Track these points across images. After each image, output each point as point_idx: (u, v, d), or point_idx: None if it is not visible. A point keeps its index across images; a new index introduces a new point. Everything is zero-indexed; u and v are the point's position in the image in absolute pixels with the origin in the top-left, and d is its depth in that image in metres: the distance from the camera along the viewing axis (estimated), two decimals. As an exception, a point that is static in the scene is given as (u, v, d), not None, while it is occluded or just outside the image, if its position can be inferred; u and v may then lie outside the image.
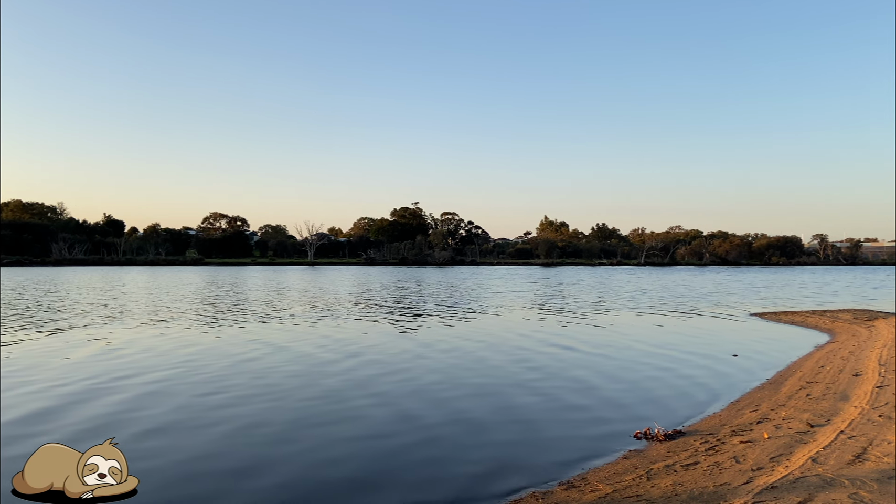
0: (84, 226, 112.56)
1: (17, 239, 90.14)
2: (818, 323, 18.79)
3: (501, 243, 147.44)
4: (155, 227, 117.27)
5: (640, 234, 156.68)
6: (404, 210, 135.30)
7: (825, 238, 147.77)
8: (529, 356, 12.41)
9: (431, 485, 5.45)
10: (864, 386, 8.59)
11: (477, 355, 12.46)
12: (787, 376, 10.29)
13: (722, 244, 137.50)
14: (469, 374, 10.53)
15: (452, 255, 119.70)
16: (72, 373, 10.25)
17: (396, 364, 11.40)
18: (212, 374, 10.30)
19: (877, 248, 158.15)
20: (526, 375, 10.38)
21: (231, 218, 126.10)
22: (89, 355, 12.09)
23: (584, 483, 5.37)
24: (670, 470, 5.56)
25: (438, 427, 7.21)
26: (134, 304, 24.48)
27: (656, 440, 6.68)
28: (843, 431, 6.28)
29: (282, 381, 9.69)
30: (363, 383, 9.64)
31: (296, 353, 12.52)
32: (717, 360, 12.11)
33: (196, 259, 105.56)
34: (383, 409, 8.06)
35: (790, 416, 7.23)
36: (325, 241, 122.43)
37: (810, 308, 24.53)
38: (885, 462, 5.17)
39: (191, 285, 39.59)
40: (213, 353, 12.55)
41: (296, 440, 6.65)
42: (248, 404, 8.21)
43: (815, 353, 13.01)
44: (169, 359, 11.75)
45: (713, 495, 4.72)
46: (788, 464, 5.34)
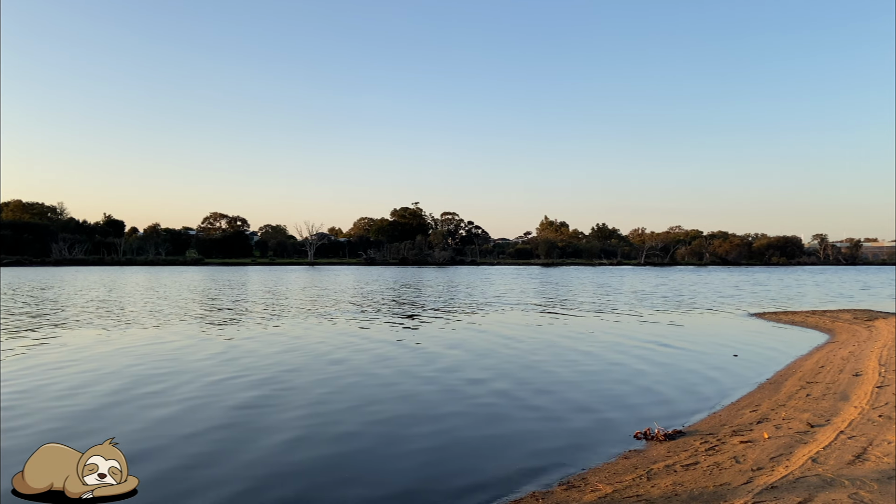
0: (84, 226, 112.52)
1: (17, 239, 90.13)
2: (818, 323, 18.79)
3: (501, 243, 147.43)
4: (155, 227, 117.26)
5: (640, 234, 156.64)
6: (404, 210, 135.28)
7: (825, 238, 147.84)
8: (529, 356, 12.41)
9: (431, 484, 5.45)
10: (864, 386, 8.59)
11: (476, 355, 12.45)
12: (787, 376, 10.29)
13: (722, 244, 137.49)
14: (467, 372, 10.53)
15: (452, 255, 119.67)
16: (99, 367, 10.26)
17: (397, 363, 11.42)
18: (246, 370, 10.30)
19: (877, 248, 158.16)
20: (525, 375, 10.38)
21: (231, 218, 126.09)
22: (102, 353, 12.11)
23: (584, 483, 5.37)
24: (670, 470, 5.56)
25: (437, 426, 7.22)
26: (147, 304, 24.50)
27: (656, 440, 6.68)
28: (843, 431, 6.28)
29: (282, 378, 9.70)
30: (363, 382, 9.65)
31: (303, 352, 12.53)
32: (717, 360, 12.11)
33: (196, 259, 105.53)
34: (383, 406, 8.08)
35: (790, 416, 7.23)
36: (325, 241, 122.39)
37: (810, 308, 24.53)
38: (885, 462, 5.17)
39: (194, 285, 39.59)
40: (221, 353, 12.56)
41: (307, 437, 6.65)
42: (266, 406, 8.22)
43: (815, 353, 13.01)
44: (173, 359, 11.77)
45: (713, 495, 4.72)
46: (788, 464, 5.33)
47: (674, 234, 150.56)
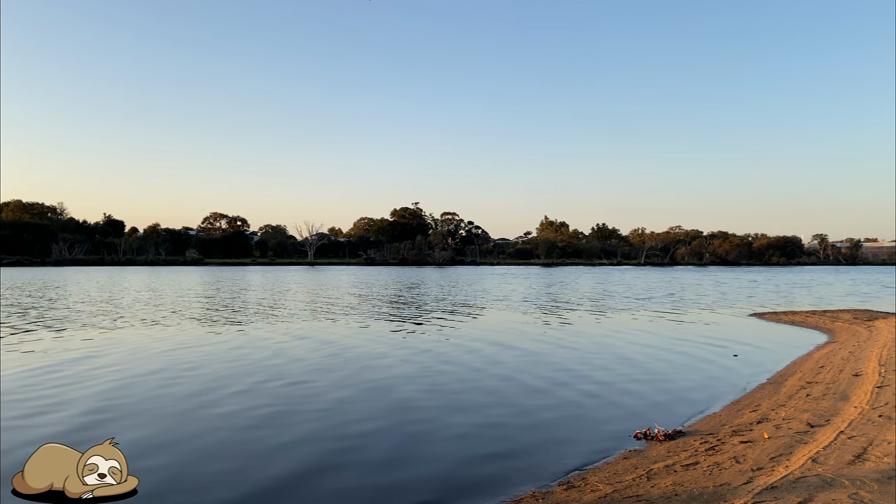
0: (84, 226, 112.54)
1: (17, 239, 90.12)
2: (818, 323, 18.78)
3: (501, 243, 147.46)
4: (155, 227, 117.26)
5: (640, 234, 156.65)
6: (404, 210, 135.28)
7: (825, 238, 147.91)
8: (529, 356, 12.40)
9: (430, 483, 5.44)
10: (864, 386, 8.59)
11: (476, 354, 12.44)
12: (787, 376, 10.29)
13: (722, 244, 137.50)
14: (467, 372, 10.53)
15: (452, 255, 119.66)
16: (107, 368, 10.27)
17: (397, 361, 11.43)
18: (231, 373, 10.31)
19: (877, 248, 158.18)
20: (525, 375, 10.37)
21: (231, 218, 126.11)
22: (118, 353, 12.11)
23: (584, 483, 5.37)
24: (670, 470, 5.55)
25: (437, 425, 7.22)
26: (150, 304, 24.51)
27: (656, 440, 6.68)
28: (843, 431, 6.28)
29: (280, 378, 9.71)
30: (365, 379, 9.66)
31: (286, 356, 12.53)
32: (717, 360, 12.11)
33: (196, 259, 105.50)
34: (382, 404, 8.08)
35: (790, 416, 7.23)
36: (325, 241, 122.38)
37: (810, 308, 24.52)
38: (885, 462, 5.17)
39: (195, 285, 39.60)
40: (225, 353, 12.56)
41: (296, 437, 6.66)
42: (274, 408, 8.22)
43: (815, 353, 13.01)
44: (171, 357, 11.77)
45: (713, 495, 4.72)
46: (788, 464, 5.33)
47: (674, 234, 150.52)
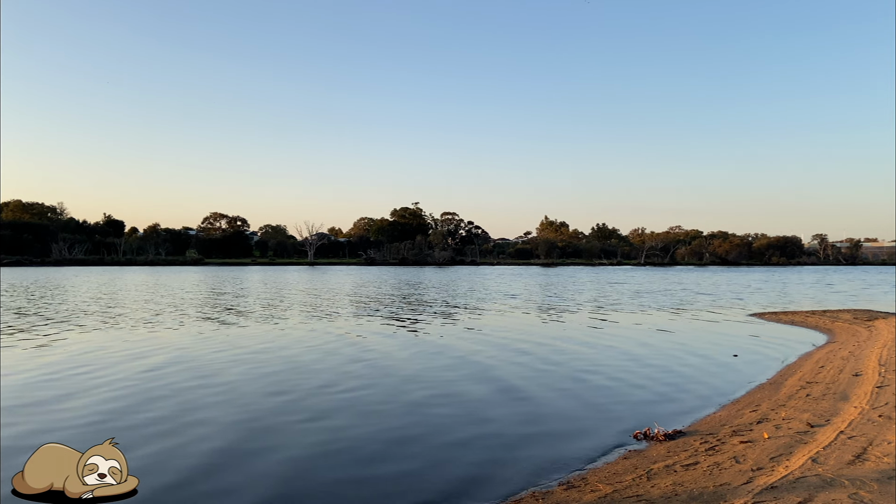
0: (84, 226, 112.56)
1: (17, 239, 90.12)
2: (818, 323, 18.78)
3: (501, 243, 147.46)
4: (155, 227, 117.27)
5: (640, 234, 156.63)
6: (404, 210, 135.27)
7: (825, 238, 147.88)
8: (529, 356, 12.40)
9: (430, 483, 5.44)
10: (864, 386, 8.59)
11: (476, 354, 12.44)
12: (787, 376, 10.29)
13: (722, 244, 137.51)
14: (466, 372, 10.53)
15: (452, 255, 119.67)
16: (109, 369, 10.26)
17: (397, 361, 11.42)
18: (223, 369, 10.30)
19: (877, 248, 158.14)
20: (525, 375, 10.37)
21: (231, 218, 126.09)
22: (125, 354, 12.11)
23: (584, 483, 5.37)
24: (670, 470, 5.55)
25: (436, 424, 7.22)
26: (154, 304, 24.49)
27: (656, 440, 6.68)
28: (843, 431, 6.28)
29: (287, 377, 9.71)
30: (365, 379, 9.66)
31: (282, 356, 12.53)
32: (717, 360, 12.11)
33: (196, 259, 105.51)
34: (381, 404, 8.08)
35: (790, 416, 7.23)
36: (325, 241, 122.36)
37: (810, 308, 24.52)
38: (885, 462, 5.17)
39: (196, 285, 39.59)
40: (224, 351, 12.56)
41: (298, 435, 6.66)
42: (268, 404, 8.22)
43: (815, 353, 13.01)
44: (169, 355, 11.77)
45: (713, 495, 4.72)
46: (788, 464, 5.33)
47: (674, 234, 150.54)
